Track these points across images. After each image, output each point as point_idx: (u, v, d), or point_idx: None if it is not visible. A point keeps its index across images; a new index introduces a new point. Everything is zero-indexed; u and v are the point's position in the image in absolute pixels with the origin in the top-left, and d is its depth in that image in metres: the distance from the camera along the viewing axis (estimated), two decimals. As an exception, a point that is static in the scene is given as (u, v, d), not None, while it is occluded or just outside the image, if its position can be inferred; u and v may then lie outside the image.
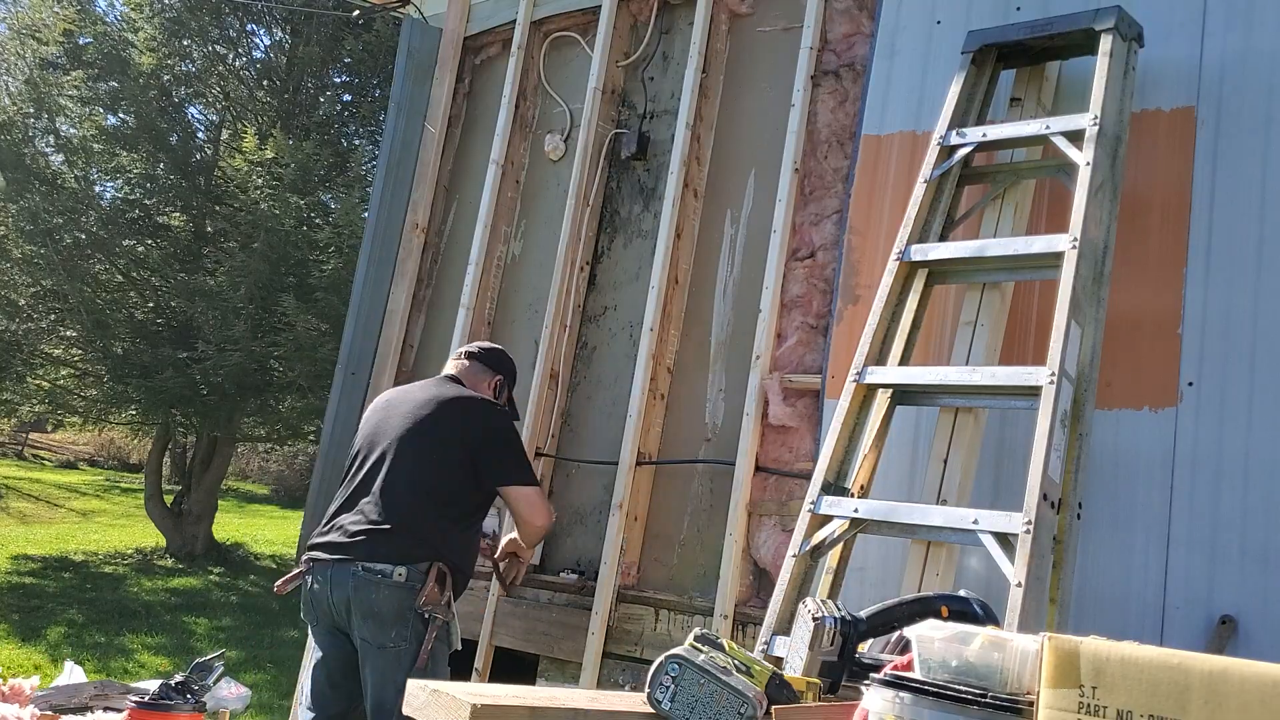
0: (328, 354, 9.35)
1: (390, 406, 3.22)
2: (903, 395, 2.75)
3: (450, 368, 3.37)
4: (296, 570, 3.13)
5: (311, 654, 3.15)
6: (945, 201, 2.89)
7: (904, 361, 2.78)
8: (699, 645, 1.81)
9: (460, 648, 3.05)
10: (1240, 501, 2.49)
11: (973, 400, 2.70)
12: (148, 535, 12.41)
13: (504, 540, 3.48)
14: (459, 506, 3.04)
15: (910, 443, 2.93)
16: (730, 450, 3.42)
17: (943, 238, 2.87)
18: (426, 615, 2.87)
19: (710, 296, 3.74)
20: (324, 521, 3.14)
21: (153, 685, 3.30)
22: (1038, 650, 1.27)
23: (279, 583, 3.20)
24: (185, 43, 11.57)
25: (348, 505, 3.07)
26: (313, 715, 3.05)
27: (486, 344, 3.53)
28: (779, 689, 1.79)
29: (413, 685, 1.80)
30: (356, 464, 3.17)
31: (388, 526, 2.94)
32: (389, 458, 3.05)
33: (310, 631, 3.15)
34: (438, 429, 3.07)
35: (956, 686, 1.35)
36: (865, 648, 2.01)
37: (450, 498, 3.02)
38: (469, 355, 3.36)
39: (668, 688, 1.77)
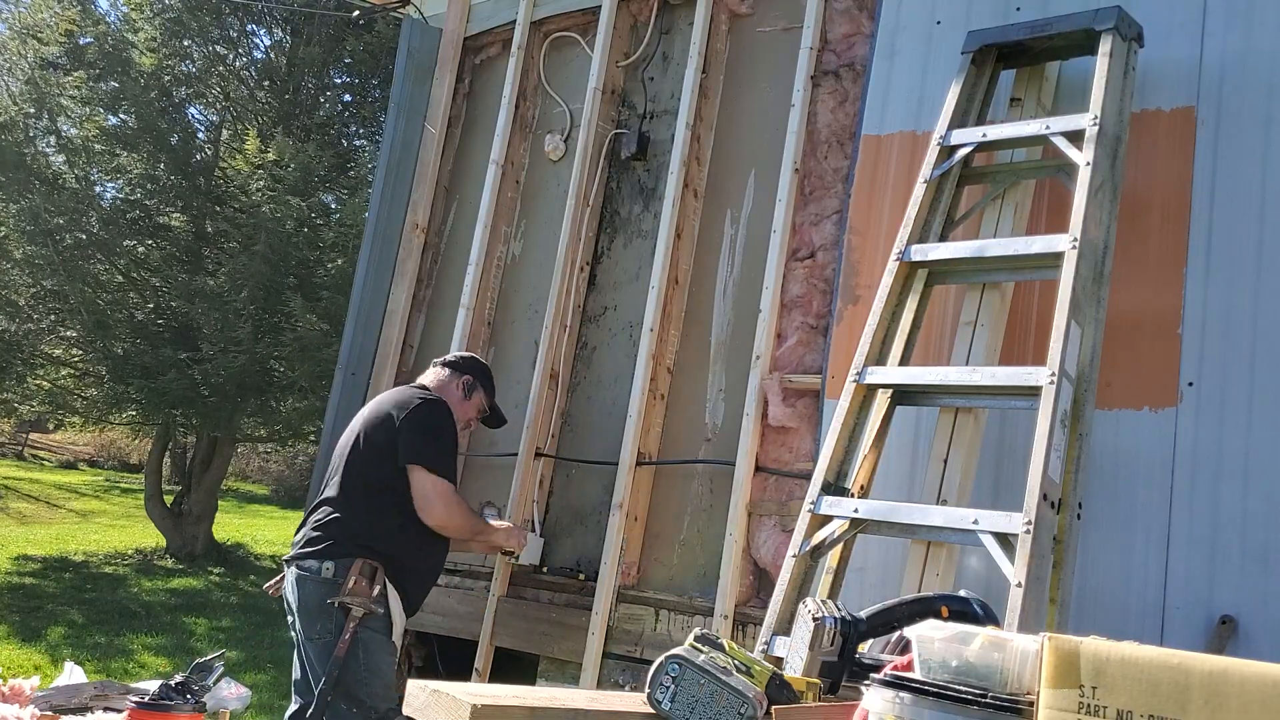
0: (330, 354, 9.35)
1: (362, 412, 3.39)
2: (903, 395, 2.75)
3: (423, 376, 3.52)
4: (281, 574, 3.32)
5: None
6: (945, 201, 2.89)
7: (904, 362, 2.78)
8: (699, 646, 1.81)
9: (396, 639, 3.15)
10: (1240, 501, 2.49)
11: (973, 400, 2.70)
12: (148, 536, 12.41)
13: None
14: (389, 496, 3.13)
15: (910, 443, 2.93)
16: (730, 450, 3.42)
17: (943, 238, 2.87)
18: (344, 606, 3.00)
19: (710, 296, 3.74)
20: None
21: (153, 685, 3.29)
22: (1038, 650, 1.27)
23: (269, 584, 3.46)
24: (186, 43, 11.57)
25: (310, 509, 3.28)
26: (294, 708, 3.18)
27: (461, 353, 3.69)
28: (779, 689, 1.79)
29: (413, 685, 1.80)
30: (324, 471, 3.41)
31: (321, 524, 3.13)
32: (342, 458, 3.24)
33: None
34: (379, 425, 3.21)
35: (957, 687, 1.35)
36: (865, 648, 2.01)
37: (380, 485, 3.13)
38: (441, 363, 3.52)
39: (668, 688, 1.77)
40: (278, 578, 3.36)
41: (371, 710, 2.97)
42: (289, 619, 3.20)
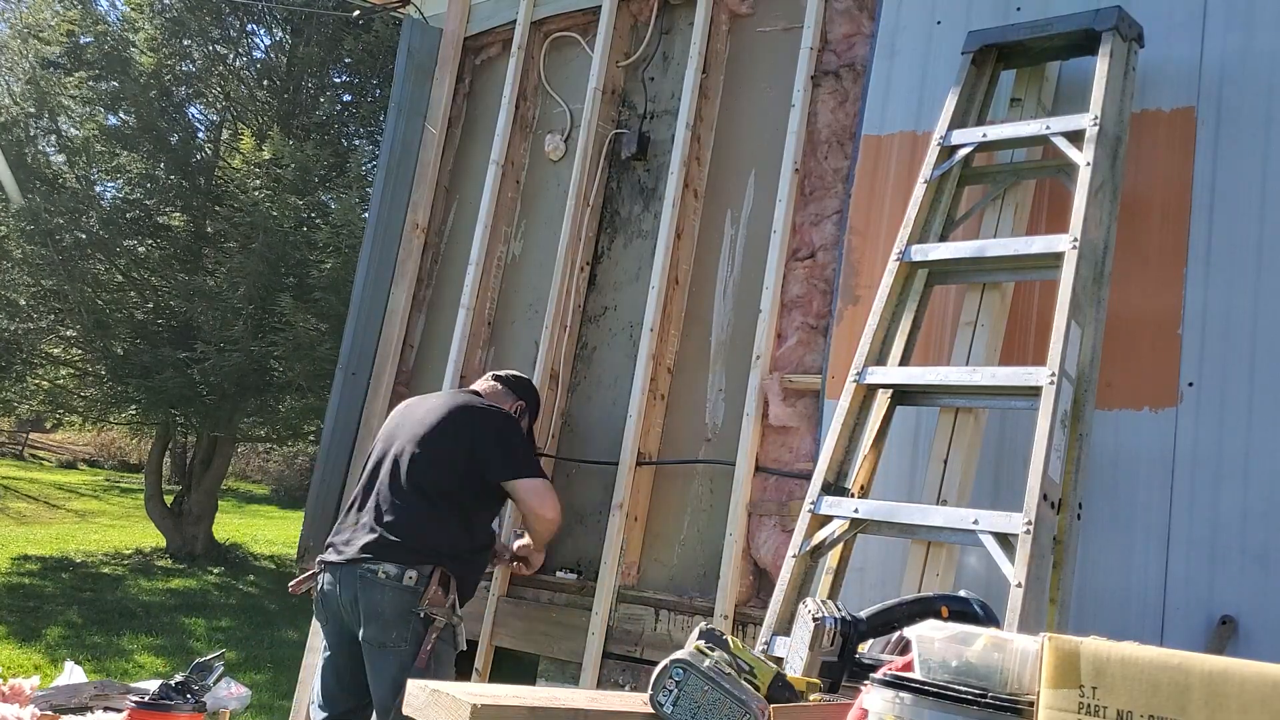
0: (327, 354, 9.35)
1: (408, 410, 3.32)
2: (903, 395, 2.75)
3: (477, 384, 3.49)
4: (310, 570, 3.21)
5: (321, 653, 3.22)
6: (945, 202, 2.89)
7: (904, 362, 2.78)
8: (704, 648, 1.80)
9: (466, 648, 3.10)
10: (1240, 502, 2.49)
11: (973, 400, 2.70)
12: (147, 536, 12.41)
13: (515, 545, 3.55)
14: (463, 507, 3.08)
15: (910, 443, 2.93)
16: (730, 450, 3.42)
17: (943, 238, 2.87)
18: (428, 616, 2.93)
19: (710, 297, 3.74)
20: (338, 521, 3.23)
21: (153, 685, 3.30)
22: (1038, 650, 1.27)
23: (293, 583, 3.29)
24: (186, 43, 11.57)
25: (358, 506, 3.16)
26: (325, 714, 3.13)
27: (518, 374, 3.62)
28: (781, 690, 1.79)
29: (413, 685, 1.80)
30: (370, 466, 3.25)
31: (394, 528, 3.01)
32: (398, 460, 3.13)
33: (321, 631, 3.22)
34: (444, 431, 3.14)
35: (957, 687, 1.35)
36: (865, 648, 2.01)
37: (453, 497, 3.07)
38: (497, 378, 3.48)
39: (671, 691, 1.77)
40: (304, 575, 3.24)
41: None
42: (326, 622, 3.09)
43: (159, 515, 11.90)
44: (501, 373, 3.54)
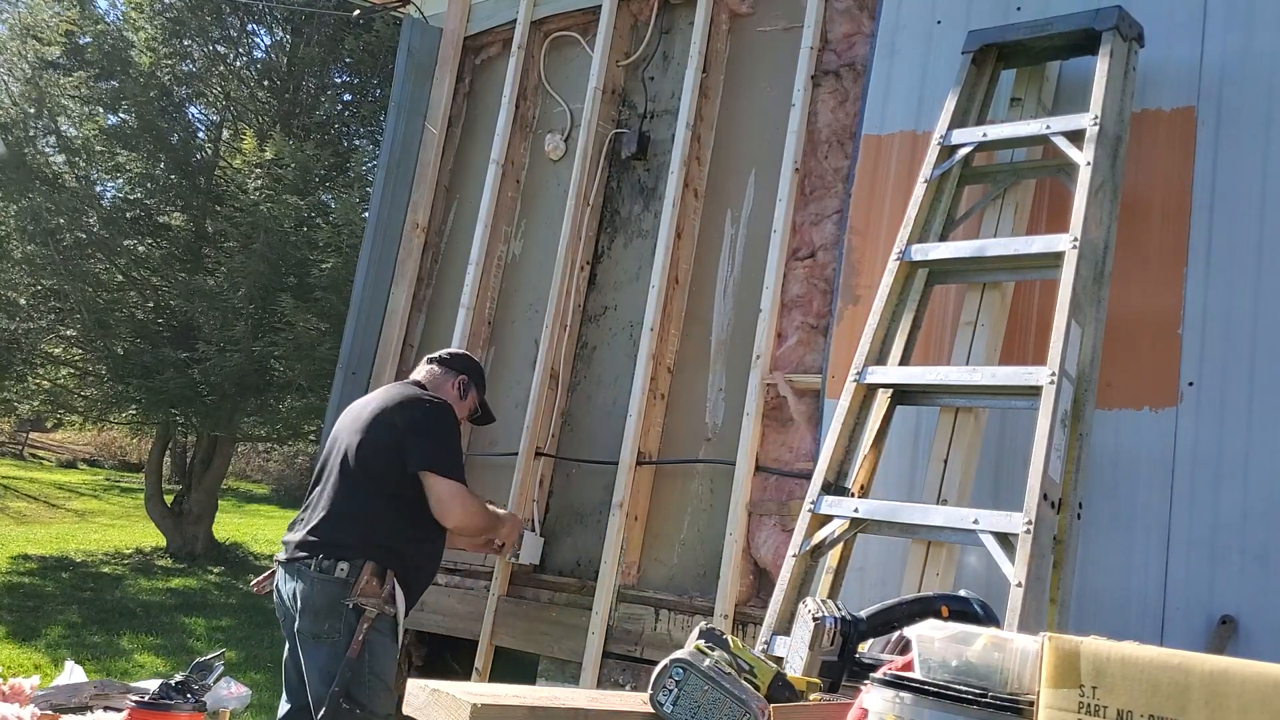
0: (327, 353, 9.35)
1: (350, 410, 3.36)
2: (903, 395, 2.75)
3: (416, 373, 3.49)
4: (269, 571, 3.29)
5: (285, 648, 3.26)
6: (945, 201, 2.89)
7: (904, 361, 2.78)
8: (704, 648, 1.80)
9: (402, 641, 3.14)
10: (1240, 502, 2.49)
11: (973, 400, 2.70)
12: (147, 535, 12.41)
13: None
14: (401, 497, 3.11)
15: (910, 443, 2.93)
16: (730, 450, 3.42)
17: (943, 238, 2.87)
18: (358, 607, 2.97)
19: (710, 296, 3.74)
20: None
21: (153, 685, 3.30)
22: (1038, 650, 1.27)
23: (255, 582, 3.39)
24: (186, 42, 11.57)
25: (308, 506, 3.24)
26: (288, 706, 3.18)
27: (453, 349, 3.63)
28: (781, 689, 1.79)
29: (412, 685, 1.80)
30: (320, 464, 3.33)
31: (328, 523, 3.09)
32: (338, 457, 3.20)
33: (281, 626, 3.25)
34: (377, 423, 3.18)
35: (957, 686, 1.35)
36: (865, 648, 2.00)
37: (388, 489, 3.11)
38: (432, 360, 3.48)
39: (671, 691, 1.77)
40: (265, 574, 3.32)
41: (371, 714, 2.96)
42: (282, 618, 3.17)
43: (159, 515, 11.90)
44: (436, 354, 3.52)
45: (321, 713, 2.91)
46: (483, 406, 3.54)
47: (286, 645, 3.20)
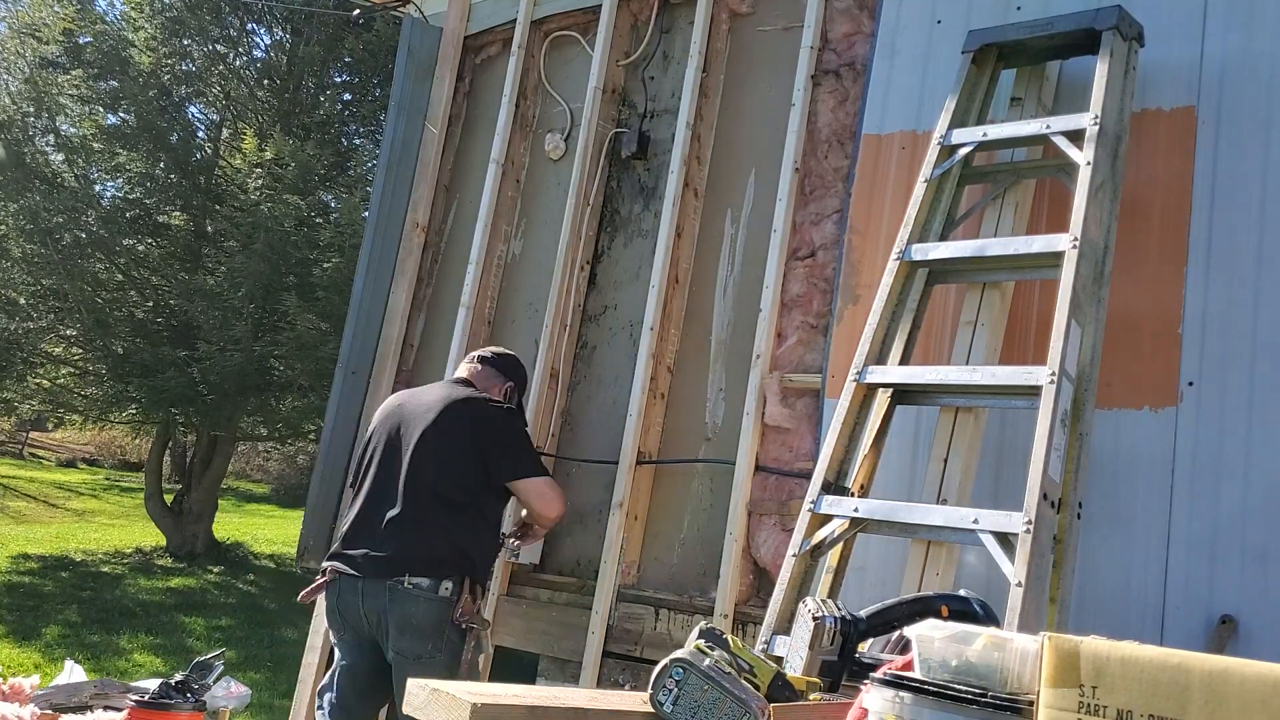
0: (329, 353, 9.35)
1: (402, 409, 3.24)
2: (903, 395, 2.75)
3: (462, 370, 3.41)
4: (321, 580, 3.14)
5: (335, 663, 3.18)
6: (945, 201, 2.89)
7: (904, 361, 2.78)
8: (704, 647, 1.80)
9: (492, 652, 3.12)
10: (1240, 501, 2.49)
11: (973, 400, 2.70)
12: (147, 534, 12.41)
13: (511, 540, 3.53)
14: (476, 509, 3.07)
15: (910, 442, 2.93)
16: (730, 450, 3.41)
17: (943, 237, 2.87)
18: (464, 626, 2.93)
19: (710, 296, 3.74)
20: (347, 528, 3.15)
21: (153, 684, 3.29)
22: (1038, 650, 1.27)
23: (304, 593, 3.21)
24: (185, 42, 11.57)
25: (372, 513, 3.08)
26: None
27: (500, 349, 3.52)
28: (781, 689, 1.79)
29: (412, 685, 1.80)
30: (372, 468, 3.17)
31: (420, 538, 2.98)
32: (407, 463, 3.07)
33: (335, 641, 3.17)
34: (450, 432, 3.09)
35: (956, 686, 1.35)
36: (865, 647, 2.01)
37: (468, 501, 3.06)
38: (481, 360, 3.39)
39: (670, 690, 1.76)
40: (315, 584, 3.15)
41: None
42: (344, 631, 3.05)
43: (159, 514, 11.91)
44: (484, 352, 3.43)
45: None
46: (520, 411, 3.48)
47: (342, 661, 3.10)
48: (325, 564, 3.15)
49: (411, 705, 1.79)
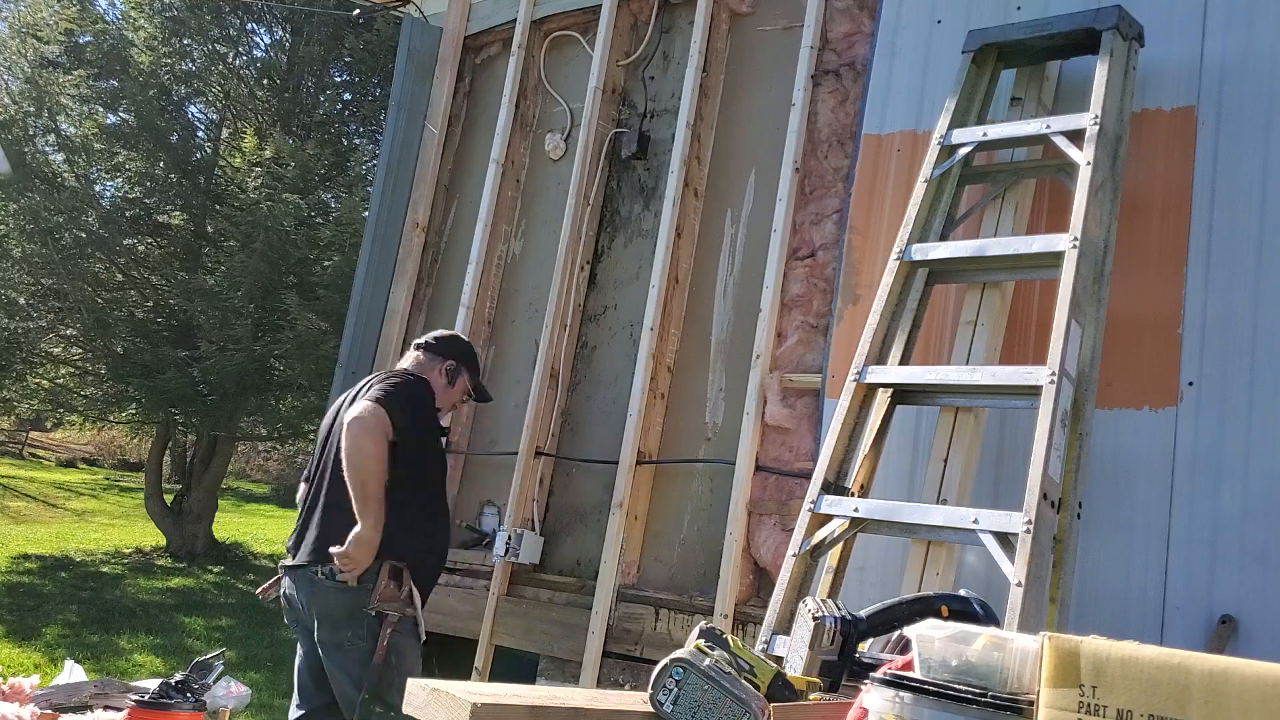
0: (328, 352, 9.34)
1: (343, 400, 3.28)
2: (903, 395, 2.75)
3: (403, 361, 3.38)
4: (275, 576, 3.22)
5: (295, 653, 3.24)
6: (946, 201, 2.89)
7: (904, 361, 2.78)
8: (704, 647, 1.80)
9: (425, 638, 3.08)
10: (1240, 501, 2.49)
11: (973, 400, 2.70)
12: (147, 534, 12.41)
13: None
14: (393, 491, 2.98)
15: (910, 442, 2.93)
16: (730, 449, 3.41)
17: (943, 237, 2.87)
18: (380, 614, 2.93)
19: (710, 296, 3.74)
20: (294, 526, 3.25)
21: (153, 684, 3.29)
22: (1038, 650, 1.27)
23: (261, 589, 3.30)
24: (185, 41, 11.56)
25: (307, 505, 3.17)
26: (300, 711, 3.15)
27: (439, 333, 3.46)
28: (781, 689, 1.79)
29: (412, 684, 1.80)
30: (310, 467, 3.27)
31: (331, 527, 3.00)
32: (329, 456, 3.13)
33: (292, 631, 3.23)
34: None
35: (957, 686, 1.35)
36: (865, 647, 2.00)
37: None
38: (419, 346, 3.34)
39: (670, 690, 1.76)
40: (271, 580, 3.23)
41: (403, 716, 2.92)
42: (294, 624, 3.12)
43: (159, 514, 11.90)
44: (422, 339, 3.38)
45: (354, 718, 2.88)
46: (477, 389, 3.38)
47: (300, 649, 3.15)
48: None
49: (412, 705, 1.79)
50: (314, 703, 3.11)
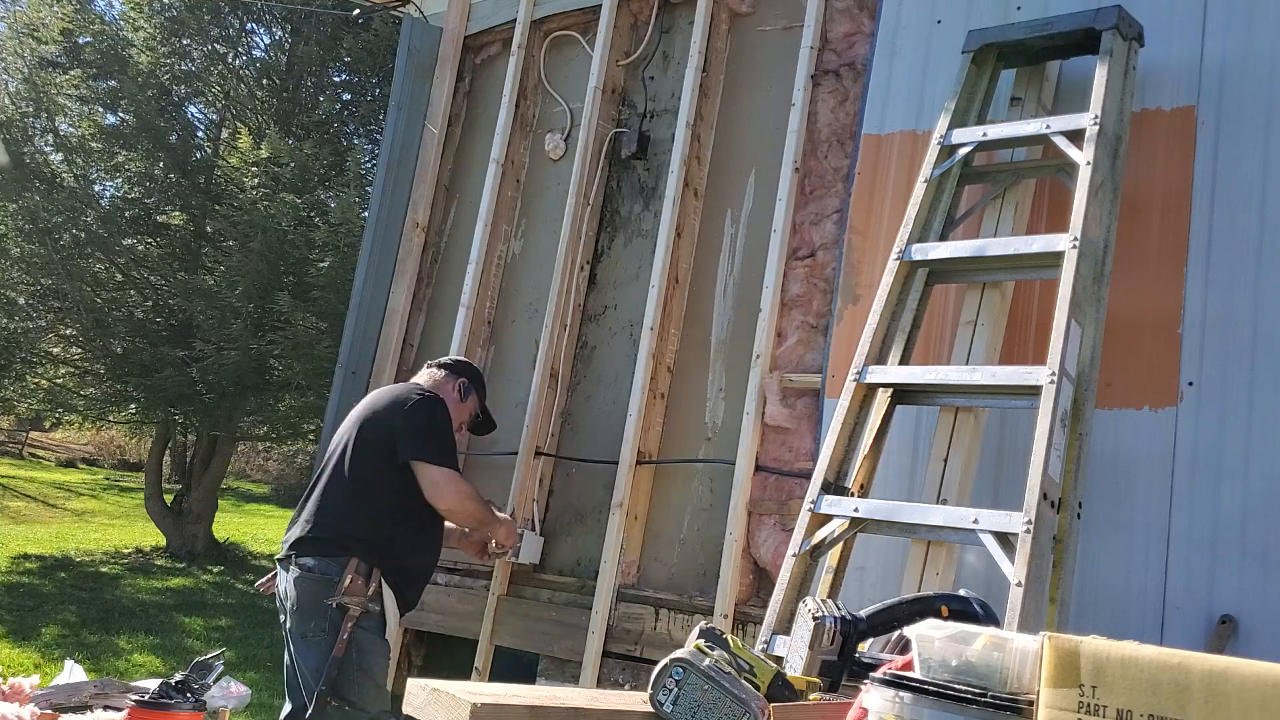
0: (325, 352, 9.35)
1: (360, 406, 3.36)
2: (903, 395, 2.75)
3: (418, 376, 3.50)
4: (272, 572, 3.31)
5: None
6: (945, 201, 2.89)
7: (904, 361, 2.78)
8: (704, 647, 1.80)
9: (390, 637, 3.14)
10: (1240, 501, 2.49)
11: (973, 400, 2.70)
12: (147, 534, 12.41)
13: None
14: (386, 493, 3.11)
15: (910, 442, 2.93)
16: (730, 449, 3.42)
17: (943, 237, 2.87)
18: (341, 606, 2.97)
19: (710, 296, 3.74)
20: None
21: (153, 684, 3.29)
22: (1038, 650, 1.27)
23: (259, 583, 3.42)
24: (184, 41, 11.57)
25: (301, 504, 3.25)
26: (289, 707, 3.16)
27: (456, 356, 3.69)
28: (781, 689, 1.79)
29: (413, 685, 1.80)
30: (320, 464, 3.36)
31: (317, 521, 3.11)
32: (333, 458, 3.22)
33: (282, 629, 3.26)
34: (368, 422, 3.21)
35: (956, 686, 1.35)
36: (865, 647, 2.00)
37: (375, 483, 3.12)
38: (437, 365, 3.51)
39: (670, 690, 1.77)
40: (269, 575, 3.33)
41: (362, 712, 2.96)
42: (281, 617, 3.18)
43: (158, 514, 11.90)
44: (438, 360, 3.55)
45: (309, 713, 2.91)
46: (484, 412, 3.55)
47: (287, 644, 3.20)
48: None
49: (411, 705, 1.79)
50: (299, 699, 3.12)
